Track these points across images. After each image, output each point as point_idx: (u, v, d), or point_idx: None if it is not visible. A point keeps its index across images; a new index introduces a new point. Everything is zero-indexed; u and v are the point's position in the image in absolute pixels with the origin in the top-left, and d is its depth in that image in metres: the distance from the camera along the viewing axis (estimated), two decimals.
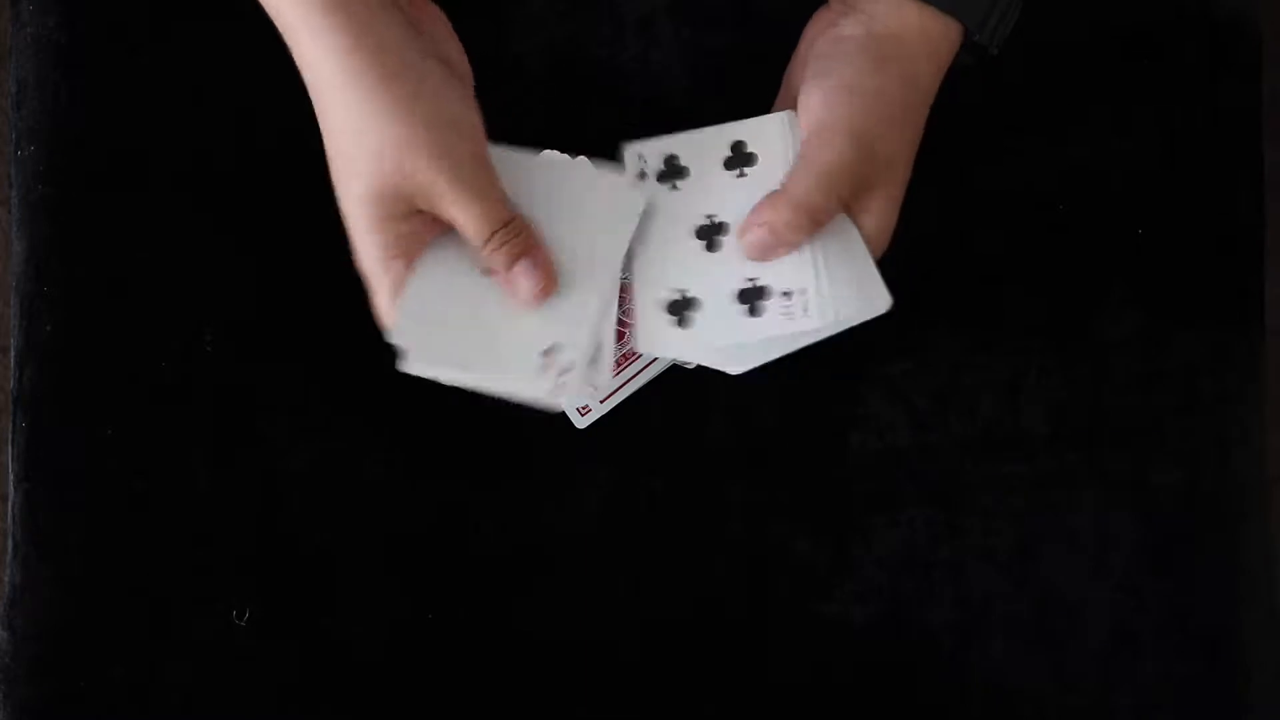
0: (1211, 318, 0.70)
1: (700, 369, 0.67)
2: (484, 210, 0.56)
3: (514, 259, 0.58)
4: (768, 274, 0.59)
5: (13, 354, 0.69)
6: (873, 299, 0.59)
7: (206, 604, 0.67)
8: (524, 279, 0.58)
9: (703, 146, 0.62)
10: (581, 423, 0.67)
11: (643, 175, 0.62)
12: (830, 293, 0.58)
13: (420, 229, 0.58)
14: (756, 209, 0.59)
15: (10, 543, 0.68)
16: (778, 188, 0.59)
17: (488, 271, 0.59)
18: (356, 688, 0.67)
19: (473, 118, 0.57)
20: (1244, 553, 0.70)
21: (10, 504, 0.68)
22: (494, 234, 0.57)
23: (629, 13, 0.69)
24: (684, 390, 0.68)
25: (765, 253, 0.59)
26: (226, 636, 0.67)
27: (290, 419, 0.68)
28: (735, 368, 0.61)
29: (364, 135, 0.55)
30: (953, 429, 0.69)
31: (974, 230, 0.70)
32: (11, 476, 0.68)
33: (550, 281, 0.58)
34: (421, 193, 0.56)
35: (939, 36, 0.59)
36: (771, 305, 0.59)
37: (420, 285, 0.58)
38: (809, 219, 0.57)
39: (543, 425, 0.67)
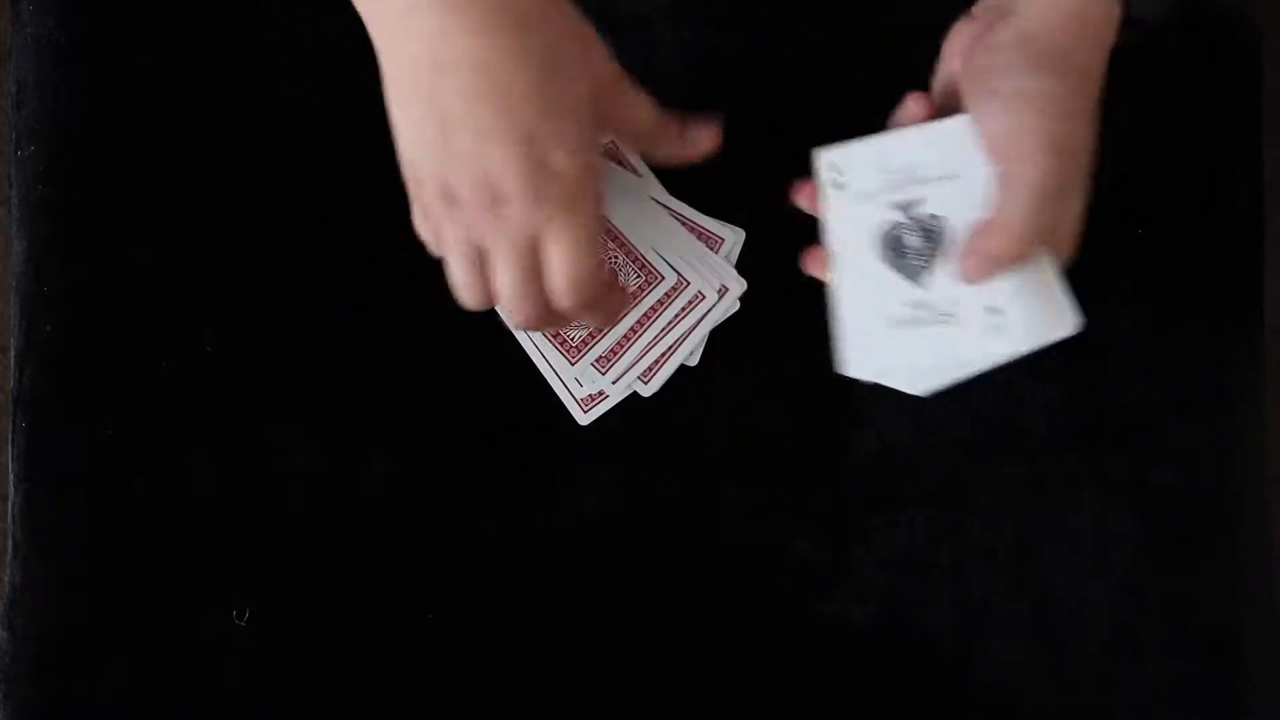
0: (1211, 317, 0.70)
1: (702, 366, 0.67)
2: (649, 100, 0.59)
3: (682, 126, 0.61)
4: (965, 294, 0.58)
5: (13, 354, 0.69)
6: (1063, 318, 0.58)
7: (206, 604, 0.67)
8: (702, 131, 0.61)
9: (890, 155, 0.60)
10: (585, 419, 0.67)
11: (837, 185, 0.61)
12: (1023, 314, 0.57)
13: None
14: (975, 239, 0.57)
15: (10, 543, 0.68)
16: (975, 196, 0.57)
17: (663, 160, 0.62)
18: (356, 688, 0.67)
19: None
20: (1244, 553, 0.70)
21: (10, 504, 0.68)
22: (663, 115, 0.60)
23: (629, 12, 0.69)
24: (684, 390, 0.68)
25: (982, 276, 0.58)
26: (226, 636, 0.67)
27: (290, 419, 0.68)
28: (920, 389, 0.61)
29: (573, 36, 0.56)
30: (953, 429, 0.69)
31: None
32: (11, 476, 0.68)
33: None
34: (608, 95, 0.58)
35: (1100, 18, 0.57)
36: (968, 325, 0.58)
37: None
38: (1026, 246, 0.56)
39: (543, 425, 0.67)
